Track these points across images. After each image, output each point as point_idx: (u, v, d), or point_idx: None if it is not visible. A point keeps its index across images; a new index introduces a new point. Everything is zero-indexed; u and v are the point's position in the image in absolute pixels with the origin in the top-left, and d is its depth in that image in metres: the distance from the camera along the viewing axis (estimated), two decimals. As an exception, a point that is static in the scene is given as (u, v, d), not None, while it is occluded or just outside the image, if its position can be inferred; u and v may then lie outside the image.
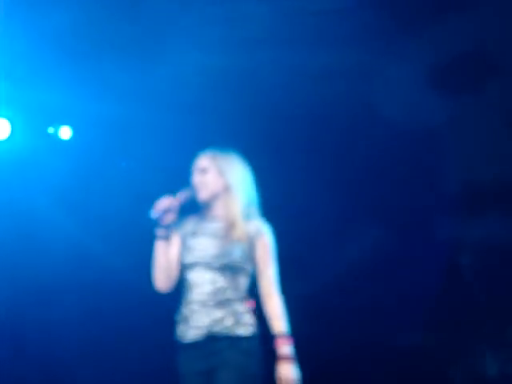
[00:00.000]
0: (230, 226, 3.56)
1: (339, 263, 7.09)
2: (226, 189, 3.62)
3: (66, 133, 6.94)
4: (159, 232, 3.60)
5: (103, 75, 6.28)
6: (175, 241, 3.67)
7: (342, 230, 7.15)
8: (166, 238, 3.61)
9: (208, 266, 3.55)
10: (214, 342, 3.55)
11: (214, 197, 3.63)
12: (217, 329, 3.53)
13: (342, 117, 7.19)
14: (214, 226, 3.60)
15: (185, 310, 3.60)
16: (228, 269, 3.55)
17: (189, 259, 3.60)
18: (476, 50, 7.13)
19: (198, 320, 3.55)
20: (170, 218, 3.59)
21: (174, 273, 3.62)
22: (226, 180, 3.62)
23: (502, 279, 7.17)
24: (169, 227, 3.61)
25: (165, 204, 3.59)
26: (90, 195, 6.78)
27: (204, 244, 3.56)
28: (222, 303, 3.54)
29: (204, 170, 3.64)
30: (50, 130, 6.89)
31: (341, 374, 7.06)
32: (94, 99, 6.44)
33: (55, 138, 6.89)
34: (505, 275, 7.17)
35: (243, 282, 3.60)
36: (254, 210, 3.65)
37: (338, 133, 7.25)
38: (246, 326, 3.58)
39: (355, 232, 7.40)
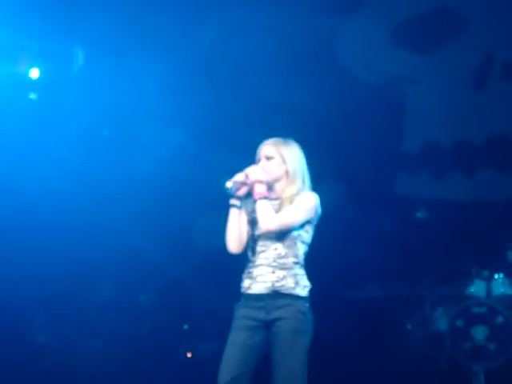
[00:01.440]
0: (284, 203, 3.98)
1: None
2: (287, 174, 4.00)
3: (34, 73, 6.93)
4: (232, 201, 4.00)
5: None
6: (245, 213, 4.05)
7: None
8: (239, 207, 4.01)
9: (270, 236, 3.95)
10: (276, 297, 3.92)
11: (276, 180, 4.01)
12: (279, 286, 3.91)
13: (309, 72, 7.29)
14: (273, 203, 4.00)
15: (252, 269, 3.99)
16: (286, 238, 3.93)
17: (255, 231, 4.00)
18: (440, 9, 7.28)
19: (264, 277, 3.94)
20: (243, 190, 4.00)
21: (244, 239, 4.01)
22: (287, 167, 4.00)
23: (456, 236, 7.34)
24: (241, 198, 4.01)
25: (239, 178, 3.98)
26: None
27: None
28: (284, 266, 3.93)
29: (269, 157, 4.01)
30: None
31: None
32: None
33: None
34: (460, 232, 7.36)
35: (301, 248, 3.97)
36: (307, 189, 4.06)
37: (304, 89, 7.33)
38: (303, 288, 3.95)
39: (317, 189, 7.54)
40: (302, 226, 3.96)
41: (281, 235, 3.94)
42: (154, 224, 7.04)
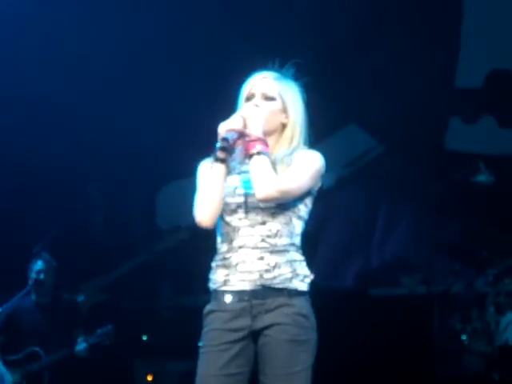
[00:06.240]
0: (273, 164, 3.38)
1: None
2: (283, 126, 3.41)
3: None
4: (222, 154, 3.34)
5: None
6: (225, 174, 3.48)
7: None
8: (226, 162, 3.37)
9: (256, 207, 3.37)
10: (266, 295, 3.31)
11: (269, 132, 3.38)
12: (270, 278, 3.31)
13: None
14: None
15: (229, 254, 3.38)
16: (280, 211, 3.37)
17: (233, 199, 3.40)
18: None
19: (248, 264, 3.34)
20: (238, 142, 3.40)
21: (220, 208, 3.40)
22: (289, 117, 3.39)
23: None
24: (230, 152, 3.38)
25: (236, 124, 3.32)
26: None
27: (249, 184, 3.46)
28: (276, 248, 3.35)
29: (269, 98, 3.40)
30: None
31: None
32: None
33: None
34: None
35: (297, 225, 3.39)
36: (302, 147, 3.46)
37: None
38: (303, 279, 3.35)
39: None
40: (301, 196, 3.42)
41: (274, 207, 3.34)
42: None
